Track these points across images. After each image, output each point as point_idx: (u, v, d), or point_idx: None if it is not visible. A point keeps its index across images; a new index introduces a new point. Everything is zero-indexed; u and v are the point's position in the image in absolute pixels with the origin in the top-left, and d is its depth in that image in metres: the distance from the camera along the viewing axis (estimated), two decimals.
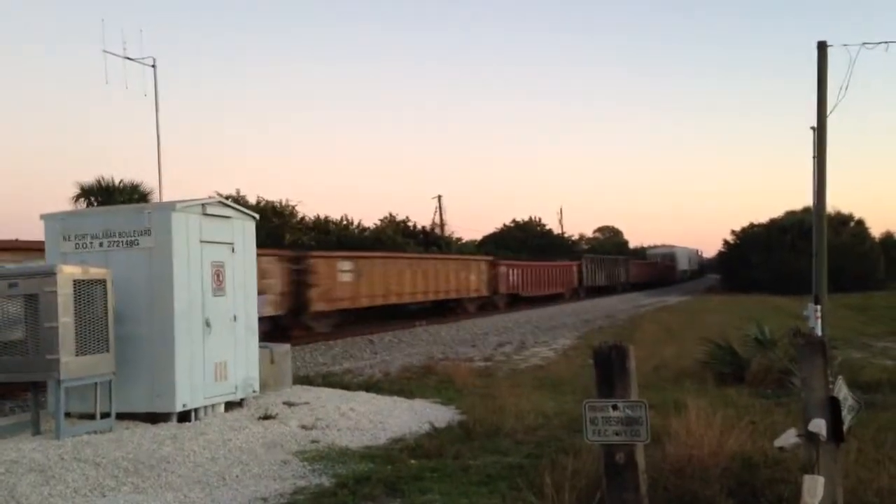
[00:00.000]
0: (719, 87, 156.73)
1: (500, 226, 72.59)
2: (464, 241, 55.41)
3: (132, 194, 27.27)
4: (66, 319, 7.98)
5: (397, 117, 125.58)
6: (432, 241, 47.66)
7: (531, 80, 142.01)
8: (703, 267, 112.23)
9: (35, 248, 11.42)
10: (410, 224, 48.28)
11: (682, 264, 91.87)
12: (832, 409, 4.42)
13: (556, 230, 77.21)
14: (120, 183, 28.36)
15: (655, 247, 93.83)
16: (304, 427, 8.89)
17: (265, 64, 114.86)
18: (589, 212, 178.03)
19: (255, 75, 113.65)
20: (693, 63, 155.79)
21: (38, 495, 6.22)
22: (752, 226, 60.21)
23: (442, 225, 57.14)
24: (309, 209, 51.45)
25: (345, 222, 42.15)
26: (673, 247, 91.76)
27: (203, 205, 9.43)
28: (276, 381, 11.16)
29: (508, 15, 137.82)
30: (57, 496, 6.25)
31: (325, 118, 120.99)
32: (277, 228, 35.02)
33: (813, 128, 17.54)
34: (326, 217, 41.25)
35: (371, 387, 12.22)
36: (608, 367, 4.83)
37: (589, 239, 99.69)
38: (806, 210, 45.94)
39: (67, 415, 8.28)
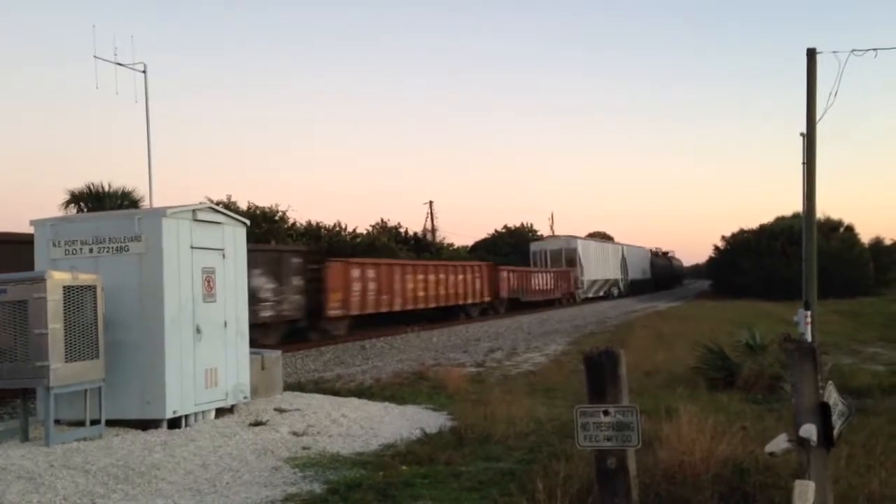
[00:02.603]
0: (710, 94, 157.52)
1: (491, 231, 72.53)
2: (455, 247, 55.39)
3: (123, 200, 27.18)
4: (55, 326, 7.94)
5: (389, 122, 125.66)
6: (424, 248, 47.64)
7: (523, 87, 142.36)
8: (672, 274, 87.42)
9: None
10: (402, 230, 48.28)
11: (596, 271, 57.20)
12: (822, 414, 4.43)
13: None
14: (110, 189, 28.27)
15: (548, 238, 59.81)
16: (295, 433, 8.86)
17: (257, 69, 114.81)
18: (581, 218, 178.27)
19: (246, 81, 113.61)
20: (684, 70, 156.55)
21: (26, 503, 6.18)
22: (742, 231, 60.46)
23: (433, 231, 57.13)
24: (300, 215, 51.37)
25: (337, 228, 42.06)
26: (573, 239, 55.72)
27: (194, 211, 9.41)
28: (267, 388, 11.12)
29: (501, 23, 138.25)
30: None
31: (317, 124, 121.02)
32: (268, 234, 34.92)
33: (802, 134, 17.65)
34: (318, 223, 41.17)
35: (362, 393, 12.19)
36: (599, 373, 4.83)
37: None
38: (796, 216, 46.12)
39: (57, 422, 8.23)
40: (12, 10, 79.80)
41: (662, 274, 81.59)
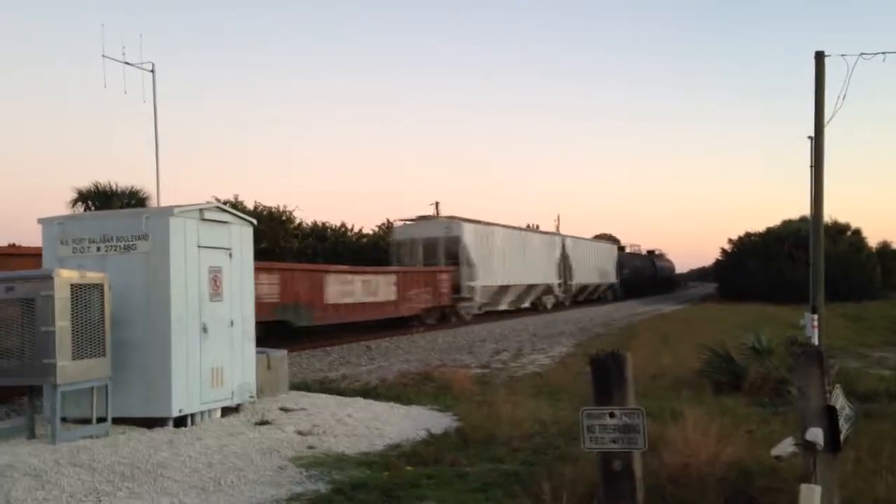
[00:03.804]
0: (718, 97, 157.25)
1: None
2: None
3: (130, 199, 27.30)
4: (62, 324, 7.97)
5: (396, 122, 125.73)
6: None
7: (530, 88, 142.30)
8: (656, 277, 72.45)
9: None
10: None
11: (503, 271, 37.23)
12: (829, 418, 4.42)
13: None
14: (118, 187, 28.39)
15: (418, 221, 36.20)
16: (300, 433, 8.87)
17: (264, 69, 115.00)
18: (587, 219, 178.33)
19: (254, 81, 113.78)
20: (691, 73, 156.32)
21: (33, 500, 6.20)
22: (748, 234, 60.25)
23: None
24: (307, 215, 51.34)
25: (343, 229, 42.10)
26: (456, 223, 34.90)
27: (201, 210, 9.43)
28: (273, 387, 11.14)
29: (507, 24, 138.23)
30: (52, 501, 6.22)
31: (324, 124, 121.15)
32: (274, 234, 34.98)
33: (810, 137, 17.61)
34: (324, 223, 41.21)
35: (368, 393, 12.20)
36: (605, 375, 4.83)
37: None
38: (803, 219, 46.04)
39: (63, 419, 8.25)
40: (19, 9, 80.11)
41: (640, 277, 66.89)
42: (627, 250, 70.55)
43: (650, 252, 77.03)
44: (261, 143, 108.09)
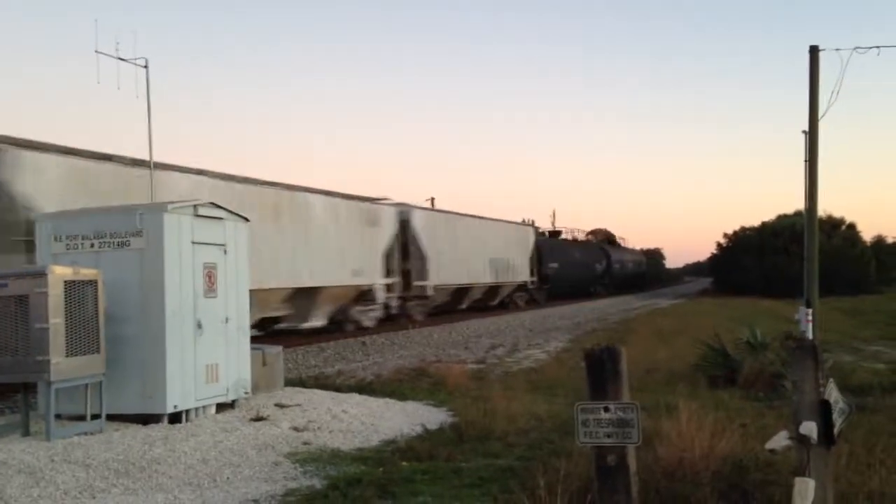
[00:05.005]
0: (713, 93, 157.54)
1: None
2: None
3: None
4: (56, 320, 7.95)
5: (393, 118, 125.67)
6: None
7: (528, 85, 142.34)
8: (612, 272, 57.59)
9: None
10: None
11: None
12: (823, 412, 4.43)
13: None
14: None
15: None
16: (295, 429, 8.87)
17: (259, 66, 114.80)
18: (583, 214, 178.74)
19: (249, 77, 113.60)
20: (687, 69, 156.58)
21: (27, 497, 6.19)
22: (743, 229, 60.43)
23: None
24: None
25: None
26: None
27: (195, 206, 9.41)
28: (268, 383, 11.13)
29: (507, 24, 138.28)
30: (46, 498, 6.21)
31: (319, 120, 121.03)
32: None
33: (805, 132, 17.64)
34: None
35: (363, 389, 12.20)
36: (600, 370, 4.83)
37: None
38: (798, 214, 46.13)
39: (58, 416, 8.24)
40: (14, 5, 79.85)
41: (584, 273, 52.05)
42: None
43: (610, 241, 62.18)
44: (256, 140, 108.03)
